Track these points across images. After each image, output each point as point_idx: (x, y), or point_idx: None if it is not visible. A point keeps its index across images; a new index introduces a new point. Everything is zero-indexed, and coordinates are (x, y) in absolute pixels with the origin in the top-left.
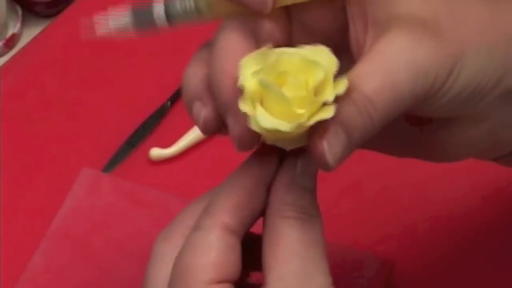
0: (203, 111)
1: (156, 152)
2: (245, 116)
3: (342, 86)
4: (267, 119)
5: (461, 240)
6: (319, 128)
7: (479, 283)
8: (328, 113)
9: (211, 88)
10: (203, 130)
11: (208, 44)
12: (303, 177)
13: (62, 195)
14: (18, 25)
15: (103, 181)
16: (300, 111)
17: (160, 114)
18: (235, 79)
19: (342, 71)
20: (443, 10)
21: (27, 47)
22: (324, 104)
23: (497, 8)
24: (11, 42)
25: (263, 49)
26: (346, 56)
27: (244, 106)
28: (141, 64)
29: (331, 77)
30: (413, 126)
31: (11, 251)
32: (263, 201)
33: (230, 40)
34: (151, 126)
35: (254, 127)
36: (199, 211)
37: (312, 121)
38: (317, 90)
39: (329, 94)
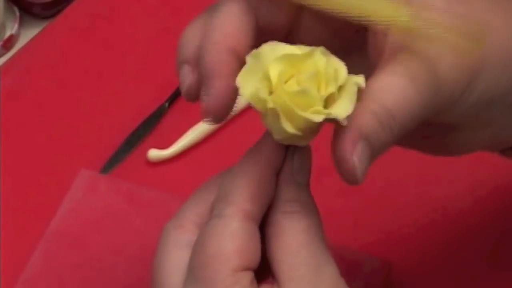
0: (189, 77)
1: (154, 153)
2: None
3: (342, 66)
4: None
5: (459, 239)
6: (344, 143)
7: (476, 282)
8: (358, 81)
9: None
10: (185, 95)
11: (211, 7)
12: (300, 172)
13: (61, 196)
14: (16, 26)
15: (101, 182)
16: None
17: (158, 115)
18: (223, 50)
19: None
20: (463, 23)
21: (25, 48)
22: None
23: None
24: (8, 43)
25: (253, 54)
26: (356, 54)
27: (268, 121)
28: (139, 65)
29: (325, 61)
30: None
31: (9, 252)
32: (274, 188)
33: (230, 13)
34: (149, 127)
35: (281, 135)
36: (208, 198)
37: (344, 112)
38: (322, 79)
39: (342, 76)
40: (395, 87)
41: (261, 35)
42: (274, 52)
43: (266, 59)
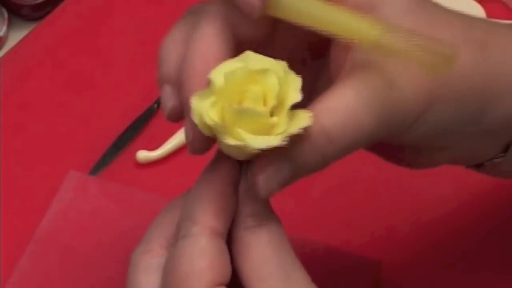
0: (171, 100)
1: (143, 155)
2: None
3: (297, 81)
4: (259, 140)
5: (448, 238)
6: (264, 158)
7: (466, 281)
8: (305, 121)
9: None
10: (167, 118)
11: (193, 12)
12: None
13: (49, 198)
14: (4, 28)
15: (90, 184)
16: (274, 121)
17: (147, 117)
18: (204, 83)
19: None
20: (432, 43)
21: (13, 50)
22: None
23: (483, 52)
24: None
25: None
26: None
27: (229, 140)
28: (128, 67)
29: (282, 76)
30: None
31: None
32: (235, 203)
33: (209, 35)
34: (138, 129)
35: (247, 151)
36: (172, 220)
37: (294, 129)
38: (278, 95)
39: (293, 96)
40: (343, 108)
41: (240, 46)
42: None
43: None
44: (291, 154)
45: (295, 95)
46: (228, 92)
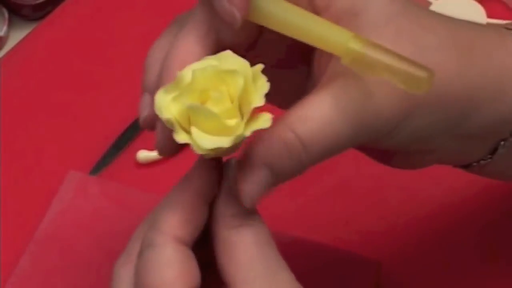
0: (147, 109)
1: (143, 155)
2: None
3: (265, 87)
4: (207, 140)
5: (448, 239)
6: (244, 166)
7: (467, 281)
8: (265, 122)
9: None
10: (141, 124)
11: (179, 20)
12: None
13: (49, 198)
14: (5, 28)
15: (90, 184)
16: (232, 122)
17: None
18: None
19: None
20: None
21: (14, 50)
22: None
23: (468, 58)
24: None
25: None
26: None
27: (180, 136)
28: (129, 66)
29: (250, 79)
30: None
31: None
32: (205, 213)
33: (190, 42)
34: (138, 129)
35: (197, 151)
36: None
37: (249, 132)
38: (242, 97)
39: (256, 100)
40: (319, 116)
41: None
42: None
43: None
44: (269, 162)
45: (259, 100)
46: (193, 89)
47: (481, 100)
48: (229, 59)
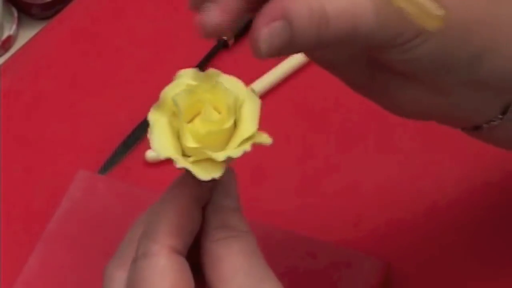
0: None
1: (152, 154)
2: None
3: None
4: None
5: (458, 239)
6: (267, 12)
7: (476, 281)
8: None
9: None
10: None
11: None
12: (226, 198)
13: (59, 197)
14: (14, 27)
15: (99, 183)
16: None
17: None
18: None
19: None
20: None
21: (23, 49)
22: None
23: None
24: (7, 44)
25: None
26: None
27: (180, 163)
28: (137, 66)
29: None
30: (368, 67)
31: (8, 253)
32: (199, 218)
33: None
34: (147, 128)
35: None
36: None
37: (240, 153)
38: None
39: (248, 128)
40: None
41: None
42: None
43: (168, 106)
44: (290, 16)
45: (251, 127)
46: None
47: (500, 42)
48: (226, 79)
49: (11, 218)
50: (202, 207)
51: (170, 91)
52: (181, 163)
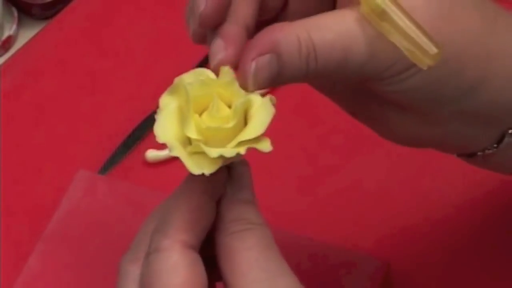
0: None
1: (152, 154)
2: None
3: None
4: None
5: (458, 239)
6: (256, 45)
7: (475, 282)
8: (237, 151)
9: None
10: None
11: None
12: (240, 191)
13: (59, 197)
14: (14, 27)
15: (99, 183)
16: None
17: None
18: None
19: None
20: (433, 4)
21: (23, 49)
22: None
23: (492, 26)
24: (7, 44)
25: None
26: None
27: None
28: (137, 66)
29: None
30: (361, 96)
31: (8, 253)
32: (213, 213)
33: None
34: (147, 128)
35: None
36: None
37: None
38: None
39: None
40: (337, 28)
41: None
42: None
43: (181, 93)
44: (279, 49)
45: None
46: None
47: (496, 74)
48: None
49: (11, 218)
50: (216, 200)
51: (187, 79)
52: (176, 151)
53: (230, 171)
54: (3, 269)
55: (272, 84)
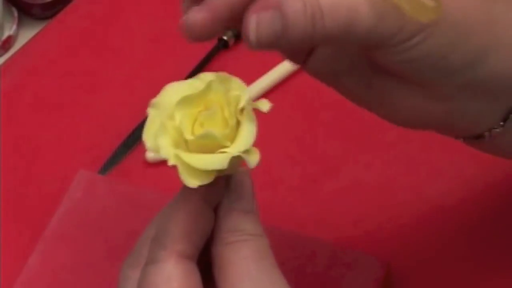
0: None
1: (152, 154)
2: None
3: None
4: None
5: (458, 239)
6: (258, 2)
7: (475, 282)
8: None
9: None
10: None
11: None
12: (238, 201)
13: (59, 197)
14: (14, 27)
15: (99, 183)
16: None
17: None
18: None
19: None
20: None
21: (23, 49)
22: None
23: None
24: (7, 44)
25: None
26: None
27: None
28: (137, 66)
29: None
30: (366, 74)
31: (8, 253)
32: (211, 221)
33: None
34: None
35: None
36: None
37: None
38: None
39: (232, 118)
40: None
41: None
42: (175, 96)
43: (167, 106)
44: (284, 8)
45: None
46: (186, 118)
47: (496, 42)
48: (185, 87)
49: (11, 218)
50: (214, 208)
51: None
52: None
53: (228, 179)
54: (3, 269)
55: (276, 45)
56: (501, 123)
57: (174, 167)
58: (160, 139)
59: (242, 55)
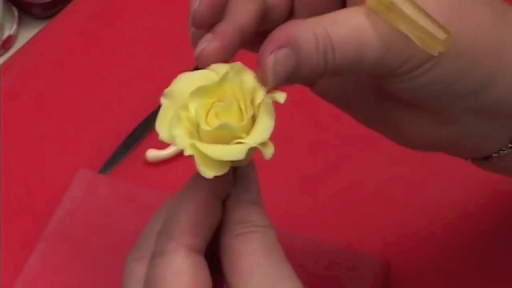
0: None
1: (153, 153)
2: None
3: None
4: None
5: (457, 239)
6: (273, 40)
7: (475, 282)
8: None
9: None
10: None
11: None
12: (246, 192)
13: (59, 197)
14: (15, 26)
15: (99, 182)
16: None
17: (156, 116)
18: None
19: None
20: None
21: (23, 48)
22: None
23: (502, 18)
24: (7, 44)
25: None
26: None
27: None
28: (138, 66)
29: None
30: (375, 98)
31: (8, 252)
32: (219, 212)
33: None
34: (148, 127)
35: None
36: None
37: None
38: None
39: (249, 110)
40: (352, 23)
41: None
42: (188, 86)
43: (180, 96)
44: (297, 44)
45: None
46: (201, 108)
47: (508, 68)
48: (198, 77)
49: (11, 218)
50: (223, 199)
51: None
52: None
53: (235, 171)
54: (3, 269)
55: (289, 80)
56: (510, 145)
57: (190, 157)
58: (175, 129)
59: (242, 55)
